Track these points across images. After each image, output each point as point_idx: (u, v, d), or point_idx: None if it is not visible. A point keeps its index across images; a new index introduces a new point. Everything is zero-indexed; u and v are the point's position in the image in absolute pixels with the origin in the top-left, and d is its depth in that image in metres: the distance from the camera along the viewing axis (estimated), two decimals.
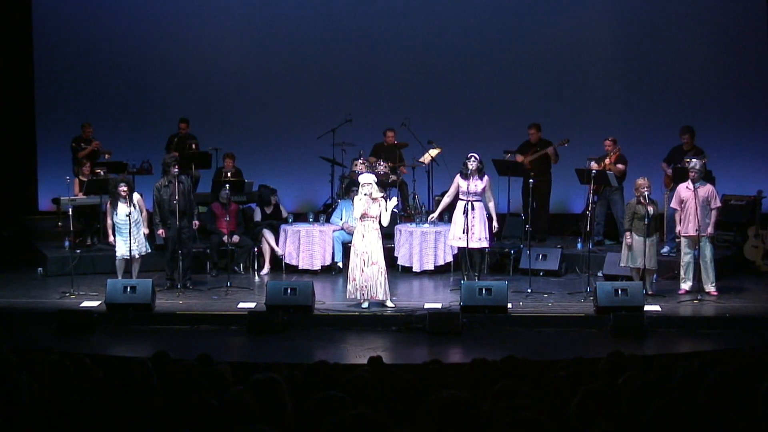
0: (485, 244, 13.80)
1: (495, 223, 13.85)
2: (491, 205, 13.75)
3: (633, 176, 14.19)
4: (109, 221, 13.69)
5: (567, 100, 17.91)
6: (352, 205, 13.56)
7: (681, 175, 14.41)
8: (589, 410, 4.85)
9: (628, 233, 13.20)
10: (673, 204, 13.28)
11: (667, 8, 17.87)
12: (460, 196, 13.62)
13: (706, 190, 13.09)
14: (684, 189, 13.16)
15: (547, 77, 17.99)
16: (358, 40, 18.38)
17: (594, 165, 14.90)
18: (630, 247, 13.08)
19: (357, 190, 12.92)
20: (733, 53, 17.64)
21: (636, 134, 16.81)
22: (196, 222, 14.14)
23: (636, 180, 13.26)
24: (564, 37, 17.93)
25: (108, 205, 13.77)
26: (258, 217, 15.65)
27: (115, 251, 13.64)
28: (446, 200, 13.96)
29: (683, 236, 13.12)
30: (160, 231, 13.86)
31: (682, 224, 13.12)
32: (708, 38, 17.83)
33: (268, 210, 15.65)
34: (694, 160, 13.44)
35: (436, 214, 14.29)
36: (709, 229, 13.04)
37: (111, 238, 13.67)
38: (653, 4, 17.94)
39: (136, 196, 13.63)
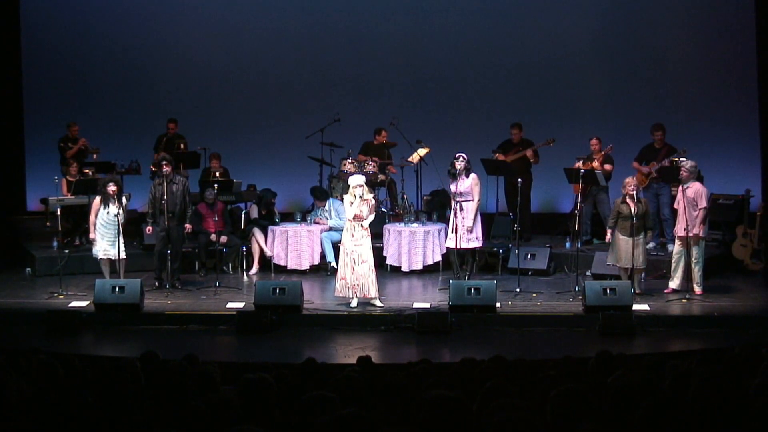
0: (477, 243, 13.80)
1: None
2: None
3: (619, 176, 14.22)
4: (92, 218, 13.65)
5: (554, 99, 17.90)
6: (327, 208, 14.87)
7: (667, 174, 14.42)
8: (575, 409, 4.85)
9: (609, 231, 13.22)
10: (676, 204, 13.23)
11: (651, 7, 17.88)
12: (452, 197, 13.60)
13: (693, 190, 12.99)
14: (679, 190, 13.14)
15: (534, 77, 17.97)
16: (346, 40, 18.36)
17: (579, 165, 14.90)
18: (616, 246, 13.09)
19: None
20: (720, 52, 17.63)
21: (622, 134, 16.77)
22: (188, 225, 14.02)
23: (625, 179, 13.27)
24: (550, 37, 17.92)
25: (95, 201, 13.73)
26: (254, 214, 15.65)
27: (92, 247, 13.66)
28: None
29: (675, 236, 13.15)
30: (148, 228, 13.83)
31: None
32: (694, 37, 17.86)
33: (264, 211, 15.64)
34: (683, 160, 13.42)
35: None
36: (694, 230, 12.84)
37: (93, 234, 13.64)
38: (638, 3, 17.95)
39: (125, 197, 13.59)
